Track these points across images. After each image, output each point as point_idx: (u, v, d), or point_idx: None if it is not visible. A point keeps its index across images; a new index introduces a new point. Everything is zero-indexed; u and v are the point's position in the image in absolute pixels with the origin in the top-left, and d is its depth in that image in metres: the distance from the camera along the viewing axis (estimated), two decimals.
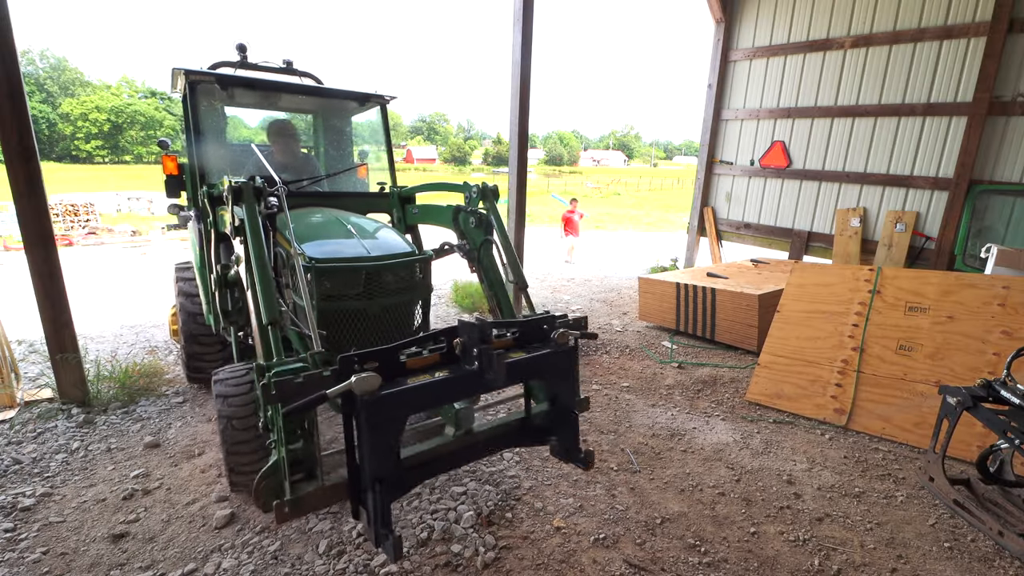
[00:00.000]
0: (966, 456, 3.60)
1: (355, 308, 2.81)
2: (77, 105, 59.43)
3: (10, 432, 3.77)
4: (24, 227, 3.83)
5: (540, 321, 2.48)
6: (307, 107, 4.88)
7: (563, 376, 2.45)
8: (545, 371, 2.41)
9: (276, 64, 4.55)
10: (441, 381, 2.08)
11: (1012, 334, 3.80)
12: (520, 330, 2.43)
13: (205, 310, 4.01)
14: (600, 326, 6.73)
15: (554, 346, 2.40)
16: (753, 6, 8.49)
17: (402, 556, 2.36)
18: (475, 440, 2.45)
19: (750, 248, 9.36)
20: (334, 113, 4.77)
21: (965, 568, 2.70)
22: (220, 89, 3.81)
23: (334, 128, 4.81)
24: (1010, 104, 6.14)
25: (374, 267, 2.83)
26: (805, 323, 4.66)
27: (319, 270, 2.68)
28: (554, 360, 2.39)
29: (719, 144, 9.34)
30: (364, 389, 1.81)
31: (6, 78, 3.58)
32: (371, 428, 1.91)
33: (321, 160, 4.86)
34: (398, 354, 2.08)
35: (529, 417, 2.60)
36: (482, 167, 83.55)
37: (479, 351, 2.10)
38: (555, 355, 2.40)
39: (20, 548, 2.69)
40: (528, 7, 5.86)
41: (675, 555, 2.74)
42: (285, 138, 4.32)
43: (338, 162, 4.74)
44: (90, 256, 11.29)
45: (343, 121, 4.80)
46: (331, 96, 4.38)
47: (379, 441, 1.95)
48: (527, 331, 2.44)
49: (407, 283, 3.01)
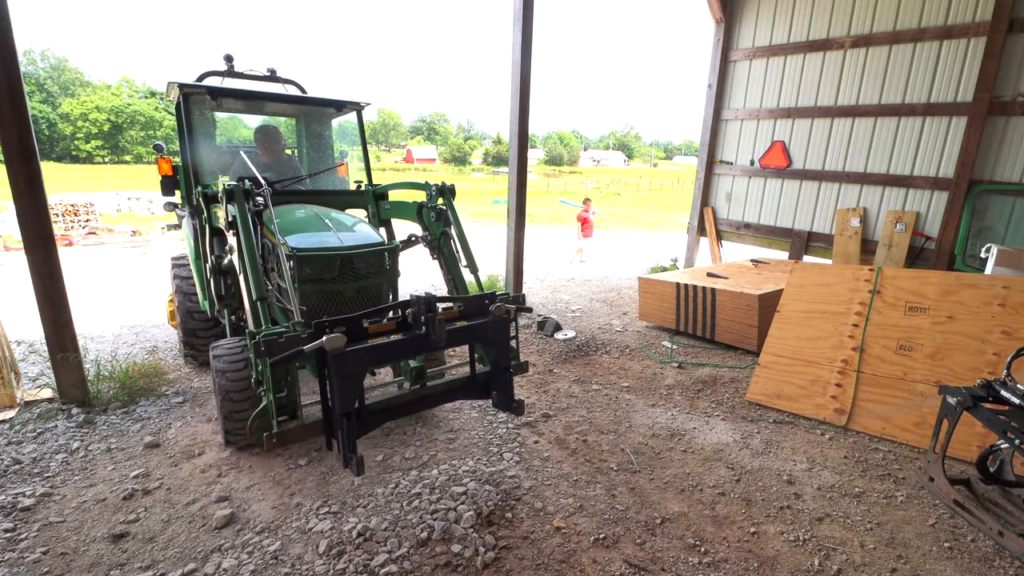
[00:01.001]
0: (966, 456, 3.60)
1: (332, 289, 3.29)
2: (77, 105, 59.42)
3: (10, 432, 3.77)
4: (24, 227, 3.82)
5: (482, 297, 3.01)
6: (290, 112, 5.31)
7: (500, 342, 2.99)
8: (484, 337, 2.94)
9: (260, 72, 5.00)
10: (394, 342, 2.63)
11: (1012, 334, 3.80)
12: (464, 304, 2.96)
13: (200, 296, 4.50)
14: (600, 326, 6.73)
15: (492, 317, 2.93)
16: (753, 6, 8.49)
17: (363, 472, 2.71)
18: (429, 392, 3.05)
19: (750, 248, 9.36)
20: (314, 118, 5.20)
21: (965, 568, 2.70)
22: (211, 99, 4.25)
23: (315, 132, 5.24)
24: (1010, 104, 6.14)
25: (347, 255, 3.29)
26: (805, 323, 4.66)
27: (299, 258, 3.13)
28: (492, 328, 2.93)
29: (719, 144, 9.35)
30: (333, 346, 2.36)
31: (6, 78, 3.58)
32: (339, 376, 2.44)
33: (304, 160, 5.31)
34: (361, 321, 2.60)
35: (475, 376, 3.14)
36: (482, 167, 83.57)
37: (425, 319, 2.63)
38: (493, 324, 2.93)
39: (20, 548, 2.69)
40: (528, 7, 5.87)
41: (675, 555, 2.74)
42: (270, 141, 4.70)
43: (319, 163, 5.16)
44: (90, 256, 11.29)
45: (323, 125, 5.20)
46: (310, 103, 4.86)
47: (345, 386, 2.48)
48: (471, 305, 2.98)
49: (376, 269, 3.46)
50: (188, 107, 4.16)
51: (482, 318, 2.95)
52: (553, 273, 10.19)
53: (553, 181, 50.06)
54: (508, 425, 4.07)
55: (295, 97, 4.78)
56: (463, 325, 2.87)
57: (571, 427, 4.09)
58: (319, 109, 4.95)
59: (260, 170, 3.94)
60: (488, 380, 3.11)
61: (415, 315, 2.69)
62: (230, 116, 5.83)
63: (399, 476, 3.36)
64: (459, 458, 3.59)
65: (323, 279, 3.23)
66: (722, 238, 9.57)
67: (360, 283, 3.39)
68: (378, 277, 3.49)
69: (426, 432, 3.94)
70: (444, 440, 3.84)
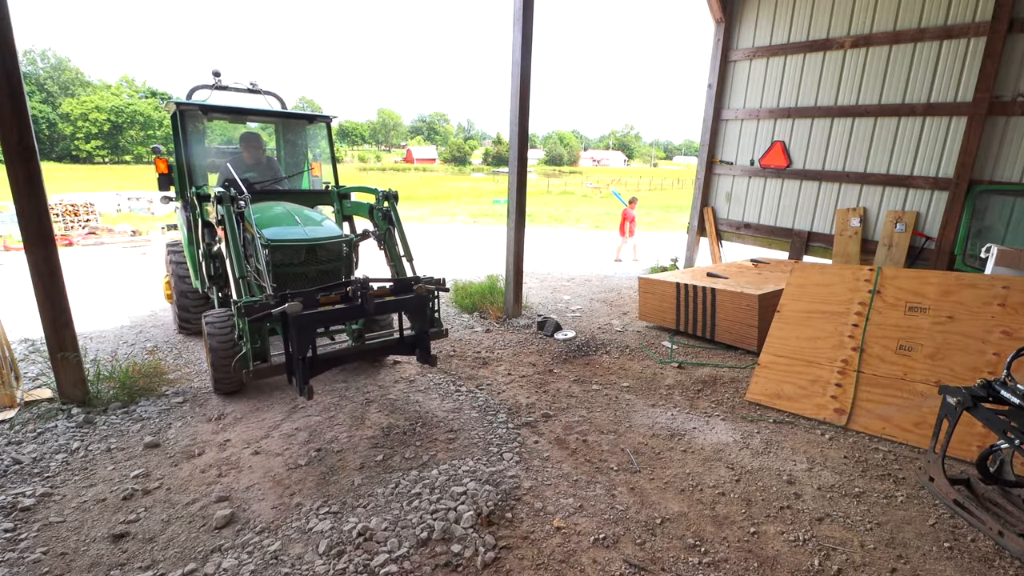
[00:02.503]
0: (966, 456, 3.60)
1: (299, 272, 4.25)
2: (77, 105, 59.40)
3: (10, 432, 3.77)
4: (24, 227, 3.83)
5: (409, 280, 4.01)
6: (269, 121, 6.23)
7: (421, 312, 3.98)
8: (409, 309, 3.93)
9: (244, 85, 5.93)
10: (337, 309, 3.62)
11: (1012, 334, 3.79)
12: (395, 284, 3.97)
13: (192, 276, 5.31)
14: (600, 326, 6.73)
15: (415, 294, 3.91)
16: (753, 6, 8.49)
17: (312, 397, 3.49)
18: (366, 348, 4.05)
19: (750, 248, 9.36)
20: (290, 128, 6.03)
21: (965, 568, 2.70)
22: (202, 113, 5.04)
23: (290, 139, 6.11)
24: (1010, 104, 6.14)
25: (311, 245, 4.24)
26: (805, 323, 4.66)
27: (272, 247, 4.06)
28: (415, 302, 3.92)
29: (719, 144, 9.34)
30: (292, 310, 3.28)
31: (6, 78, 3.58)
32: (296, 331, 3.36)
33: (282, 162, 6.08)
34: (315, 294, 3.55)
35: (403, 338, 4.13)
36: (482, 167, 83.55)
37: (361, 294, 3.62)
38: (416, 299, 3.91)
39: (20, 548, 2.69)
40: (528, 7, 5.86)
41: (675, 555, 2.74)
42: (252, 146, 5.54)
43: (293, 165, 6.11)
44: (90, 256, 11.28)
45: (297, 134, 6.06)
46: (285, 117, 5.73)
47: (301, 338, 3.40)
48: (401, 285, 3.97)
49: (335, 256, 4.43)
50: (183, 120, 4.90)
51: (408, 295, 3.91)
52: (553, 273, 10.19)
53: (553, 181, 50.03)
54: (508, 425, 4.07)
55: (273, 112, 5.70)
56: (391, 299, 3.85)
57: (571, 427, 4.09)
58: (293, 121, 5.82)
59: (244, 170, 5.07)
60: (414, 341, 4.06)
61: (354, 291, 3.64)
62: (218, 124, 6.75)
63: (399, 476, 3.36)
64: (459, 458, 3.59)
65: (291, 264, 4.19)
66: (722, 238, 9.57)
67: (321, 267, 4.34)
68: (337, 262, 4.44)
69: (426, 432, 3.94)
70: (444, 440, 3.84)
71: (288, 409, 4.27)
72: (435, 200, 29.28)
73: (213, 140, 6.20)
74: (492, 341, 6.07)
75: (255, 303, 3.36)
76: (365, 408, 4.32)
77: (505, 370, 5.23)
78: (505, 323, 6.71)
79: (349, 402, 4.42)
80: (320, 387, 4.68)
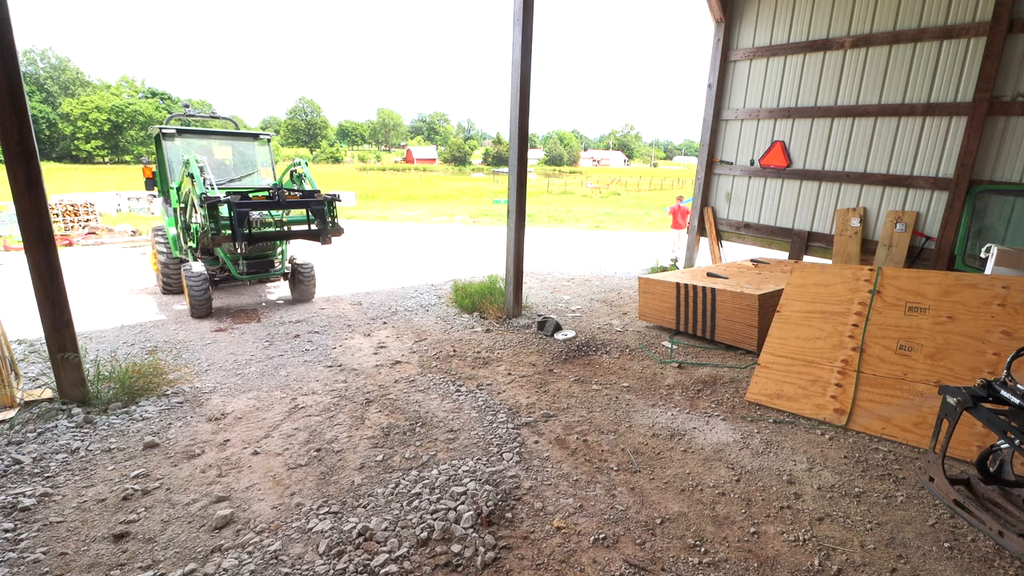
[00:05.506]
0: (966, 456, 3.60)
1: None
2: (77, 105, 59.41)
3: (10, 432, 3.77)
4: (24, 227, 3.83)
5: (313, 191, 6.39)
6: (224, 139, 8.37)
7: (320, 213, 6.18)
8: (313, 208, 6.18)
9: (207, 113, 8.75)
10: (262, 200, 5.86)
11: (1012, 334, 3.79)
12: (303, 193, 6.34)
13: (172, 247, 7.60)
14: (600, 326, 6.73)
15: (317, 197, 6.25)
16: (753, 6, 8.49)
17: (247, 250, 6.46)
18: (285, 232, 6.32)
19: (750, 248, 9.36)
20: (240, 143, 8.28)
21: (965, 568, 2.70)
22: (177, 135, 7.51)
23: (241, 152, 8.30)
24: (1010, 104, 6.14)
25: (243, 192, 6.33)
26: (805, 323, 4.66)
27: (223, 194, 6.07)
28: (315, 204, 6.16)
29: (719, 144, 9.35)
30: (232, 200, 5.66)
31: (6, 78, 3.58)
32: (236, 214, 5.59)
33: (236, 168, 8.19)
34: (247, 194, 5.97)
35: (310, 227, 6.30)
36: (482, 167, 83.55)
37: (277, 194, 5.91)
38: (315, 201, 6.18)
39: (20, 548, 2.69)
40: (528, 7, 5.86)
41: (675, 555, 2.74)
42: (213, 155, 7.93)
43: (243, 169, 8.20)
44: (90, 256, 11.28)
45: (247, 147, 8.31)
46: (235, 137, 8.15)
47: (238, 219, 5.59)
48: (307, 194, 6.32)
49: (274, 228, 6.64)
50: (162, 140, 7.43)
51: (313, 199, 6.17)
52: (554, 274, 10.19)
53: (553, 181, 50.01)
54: (508, 425, 4.07)
55: (227, 132, 8.11)
56: (299, 199, 6.08)
57: (571, 427, 4.09)
58: (243, 138, 8.20)
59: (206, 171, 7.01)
60: (316, 233, 6.22)
61: (272, 192, 5.86)
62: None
63: (399, 476, 3.36)
64: (459, 458, 3.59)
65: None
66: (722, 238, 9.57)
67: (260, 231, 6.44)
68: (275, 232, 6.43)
69: (426, 432, 3.94)
70: (444, 440, 3.84)
71: (288, 409, 4.28)
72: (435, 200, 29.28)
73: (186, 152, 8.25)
74: (492, 341, 6.08)
75: (212, 197, 5.64)
76: (365, 408, 4.32)
77: (505, 370, 5.23)
78: (505, 323, 6.71)
79: (349, 402, 4.42)
80: (320, 387, 4.68)
